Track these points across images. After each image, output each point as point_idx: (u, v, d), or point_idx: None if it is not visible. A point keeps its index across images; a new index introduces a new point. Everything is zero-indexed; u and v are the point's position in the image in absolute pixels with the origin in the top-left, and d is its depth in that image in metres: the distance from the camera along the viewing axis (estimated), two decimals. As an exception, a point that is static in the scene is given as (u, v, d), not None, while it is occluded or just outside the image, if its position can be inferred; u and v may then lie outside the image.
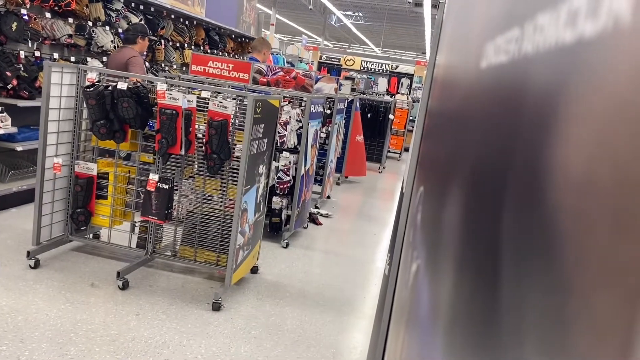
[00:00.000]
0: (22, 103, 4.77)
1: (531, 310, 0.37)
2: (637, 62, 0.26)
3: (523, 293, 0.39)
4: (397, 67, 15.52)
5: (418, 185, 1.46)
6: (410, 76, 15.13)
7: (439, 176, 1.03)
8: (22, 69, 4.80)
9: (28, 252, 3.62)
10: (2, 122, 4.47)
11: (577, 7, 0.35)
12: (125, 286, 3.51)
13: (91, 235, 4.20)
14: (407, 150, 11.75)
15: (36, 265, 3.62)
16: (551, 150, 0.38)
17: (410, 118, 11.97)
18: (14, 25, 4.64)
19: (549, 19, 0.41)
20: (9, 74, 4.61)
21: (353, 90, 10.18)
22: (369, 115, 10.06)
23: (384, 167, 10.43)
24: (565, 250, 0.33)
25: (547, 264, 0.35)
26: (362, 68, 15.62)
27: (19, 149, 4.73)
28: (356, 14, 20.37)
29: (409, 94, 14.14)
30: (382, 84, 15.23)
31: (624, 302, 0.25)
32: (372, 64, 15.67)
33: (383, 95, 12.71)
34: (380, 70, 15.57)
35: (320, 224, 5.86)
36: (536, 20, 0.44)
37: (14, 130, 4.63)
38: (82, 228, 4.02)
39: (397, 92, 14.35)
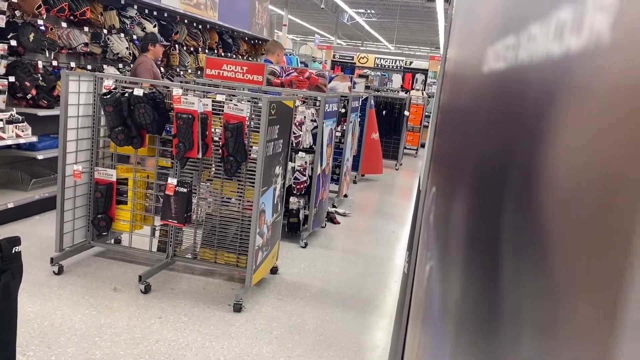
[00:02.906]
0: (41, 112, 4.86)
1: (540, 309, 0.37)
2: (633, 69, 0.26)
3: (532, 292, 0.39)
4: (411, 63, 15.45)
5: (431, 185, 1.45)
6: (424, 71, 15.05)
7: (449, 175, 1.02)
8: (41, 78, 4.89)
9: (52, 259, 3.69)
10: (22, 131, 4.55)
11: (585, 5, 0.34)
12: (147, 290, 3.56)
13: (112, 241, 4.26)
14: (423, 146, 11.68)
15: (60, 271, 3.69)
16: (555, 147, 0.38)
17: (426, 114, 11.90)
18: (31, 36, 4.72)
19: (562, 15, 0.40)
20: (28, 84, 4.70)
21: (367, 87, 10.16)
22: (384, 112, 10.02)
23: (400, 164, 10.38)
24: (554, 251, 0.34)
25: (551, 263, 0.35)
26: (375, 65, 15.59)
27: (40, 157, 4.81)
28: (368, 11, 20.30)
29: (424, 90, 14.06)
30: (397, 80, 15.17)
31: (607, 304, 0.26)
32: (386, 61, 15.62)
33: (398, 91, 12.66)
34: (394, 67, 15.51)
35: (338, 223, 5.86)
36: (544, 17, 0.44)
37: (35, 139, 4.72)
38: (104, 233, 4.08)
39: (412, 88, 14.29)
